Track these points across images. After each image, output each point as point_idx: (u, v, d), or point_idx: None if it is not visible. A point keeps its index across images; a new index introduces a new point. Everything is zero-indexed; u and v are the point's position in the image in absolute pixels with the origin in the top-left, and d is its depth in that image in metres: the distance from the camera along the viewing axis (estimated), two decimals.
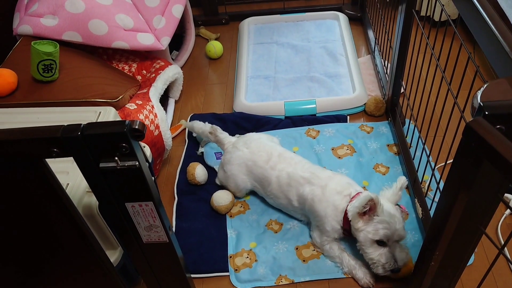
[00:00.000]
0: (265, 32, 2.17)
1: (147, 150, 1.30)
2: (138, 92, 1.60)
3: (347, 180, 1.30)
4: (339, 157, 1.58)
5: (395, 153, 1.59)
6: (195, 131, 1.64)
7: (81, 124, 0.65)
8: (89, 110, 1.21)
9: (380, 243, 1.17)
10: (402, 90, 1.63)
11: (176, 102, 1.88)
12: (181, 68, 2.02)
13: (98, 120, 1.18)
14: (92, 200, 0.98)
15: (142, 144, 1.32)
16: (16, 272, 0.97)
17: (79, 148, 0.66)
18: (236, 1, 2.34)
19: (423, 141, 1.37)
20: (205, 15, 2.28)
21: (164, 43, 1.73)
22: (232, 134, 1.64)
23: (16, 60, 1.49)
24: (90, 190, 0.77)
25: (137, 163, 0.69)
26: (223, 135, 1.51)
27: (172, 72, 1.73)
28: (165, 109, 1.79)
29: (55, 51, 1.35)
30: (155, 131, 1.46)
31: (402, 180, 1.24)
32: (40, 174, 0.71)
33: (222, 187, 1.49)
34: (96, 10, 1.58)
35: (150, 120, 1.45)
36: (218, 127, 1.52)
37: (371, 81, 1.88)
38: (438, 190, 1.25)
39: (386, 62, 1.81)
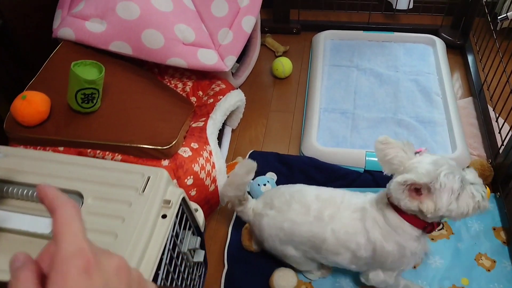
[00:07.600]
0: (343, 50, 1.82)
1: (200, 217, 1.03)
2: (193, 124, 1.31)
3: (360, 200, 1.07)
4: (432, 239, 1.26)
5: (503, 242, 1.25)
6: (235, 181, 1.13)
7: None
8: (136, 171, 0.92)
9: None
10: None
11: (232, 130, 1.59)
12: (241, 86, 1.72)
13: (146, 188, 0.90)
14: None
15: (194, 206, 1.04)
16: None
17: None
18: (311, 7, 1.99)
19: None
20: (274, 21, 1.94)
21: (228, 63, 1.42)
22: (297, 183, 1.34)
23: (52, 74, 1.22)
24: None
25: None
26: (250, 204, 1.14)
27: (234, 100, 1.43)
28: (220, 138, 1.50)
29: (99, 78, 1.07)
30: (210, 186, 1.17)
31: None
32: None
33: (284, 263, 1.20)
34: (152, 18, 1.28)
35: (206, 172, 1.16)
36: (249, 197, 1.15)
37: (472, 134, 1.52)
38: None
39: (495, 113, 1.45)
